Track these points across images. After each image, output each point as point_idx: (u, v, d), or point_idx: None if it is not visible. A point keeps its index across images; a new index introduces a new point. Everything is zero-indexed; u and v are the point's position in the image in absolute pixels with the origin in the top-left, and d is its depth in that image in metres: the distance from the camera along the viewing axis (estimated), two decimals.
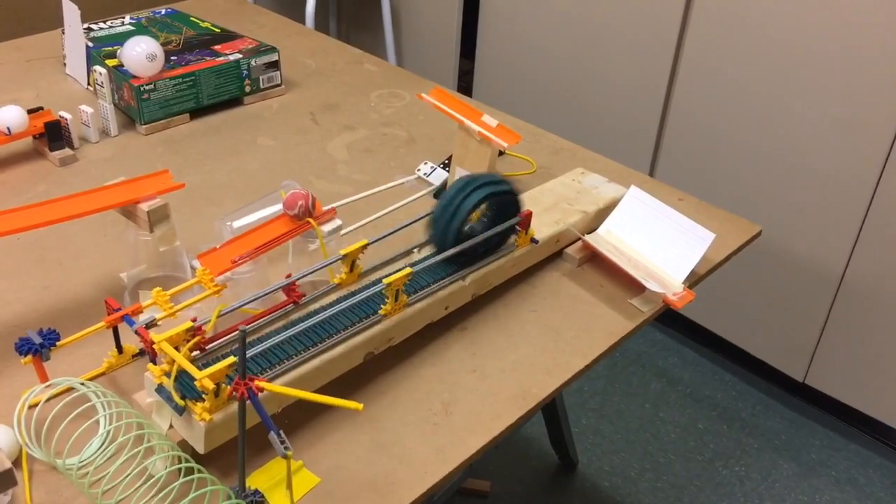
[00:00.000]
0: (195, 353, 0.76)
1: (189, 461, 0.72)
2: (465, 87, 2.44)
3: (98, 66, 1.29)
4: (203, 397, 0.70)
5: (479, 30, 2.26)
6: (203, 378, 0.68)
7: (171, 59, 1.37)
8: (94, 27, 1.50)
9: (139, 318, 0.80)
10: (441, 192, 1.19)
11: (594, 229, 1.08)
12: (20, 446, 0.75)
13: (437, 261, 0.91)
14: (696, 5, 1.76)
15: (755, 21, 1.68)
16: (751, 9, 1.67)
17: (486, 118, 1.10)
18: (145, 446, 0.72)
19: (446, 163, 1.23)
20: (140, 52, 1.28)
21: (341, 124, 1.38)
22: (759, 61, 1.70)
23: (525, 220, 0.97)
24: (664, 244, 1.03)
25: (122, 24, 1.53)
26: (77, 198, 0.91)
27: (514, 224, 0.95)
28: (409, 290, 0.87)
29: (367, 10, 2.63)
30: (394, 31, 2.52)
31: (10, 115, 1.18)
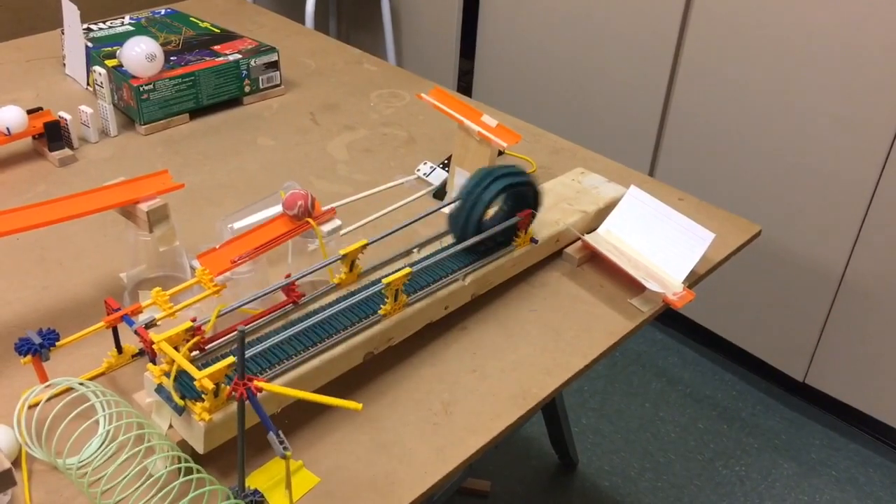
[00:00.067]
0: (194, 353, 0.76)
1: (188, 461, 0.72)
2: (464, 86, 2.44)
3: (97, 67, 1.29)
4: (202, 397, 0.70)
5: (479, 30, 2.26)
6: (202, 378, 0.68)
7: (170, 59, 1.37)
8: (93, 27, 1.50)
9: (139, 319, 0.80)
10: (440, 192, 1.19)
11: (594, 229, 1.08)
12: (20, 446, 0.75)
13: (456, 251, 0.93)
14: (696, 5, 1.76)
15: (755, 21, 1.68)
16: (750, 9, 1.67)
17: (486, 118, 1.10)
18: (145, 446, 0.72)
19: (446, 163, 1.23)
20: (139, 53, 1.28)
21: (341, 124, 1.38)
22: (758, 61, 1.70)
23: (525, 220, 0.97)
24: (664, 244, 1.03)
25: (122, 24, 1.53)
26: (76, 198, 0.91)
27: (532, 214, 0.98)
28: (409, 290, 0.87)
29: (367, 10, 2.63)
30: (394, 30, 2.52)
31: (10, 116, 1.18)
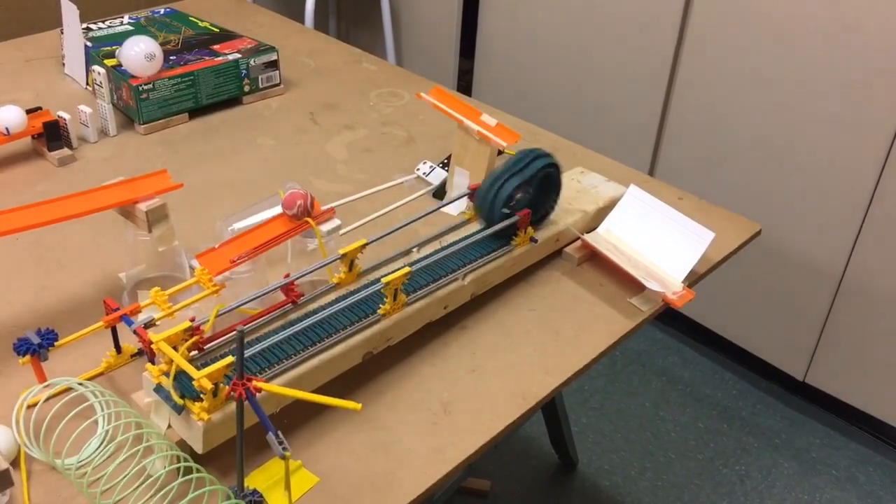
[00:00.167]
0: (193, 353, 0.76)
1: (188, 461, 0.72)
2: (464, 86, 2.44)
3: (97, 66, 1.29)
4: (201, 397, 0.70)
5: (479, 29, 2.26)
6: (201, 378, 0.68)
7: (169, 58, 1.37)
8: (92, 27, 1.50)
9: (137, 318, 0.80)
10: (440, 192, 1.19)
11: (594, 228, 1.08)
12: (19, 446, 0.75)
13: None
14: (696, 4, 1.76)
15: (755, 20, 1.67)
16: (751, 7, 1.67)
17: (485, 117, 1.10)
18: (144, 446, 0.72)
19: (445, 162, 1.23)
20: (139, 52, 1.28)
21: (341, 124, 1.38)
22: (759, 60, 1.70)
23: (524, 220, 0.97)
24: (664, 243, 1.03)
25: (121, 23, 1.53)
26: (76, 198, 0.91)
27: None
28: (408, 290, 0.87)
29: (367, 9, 2.63)
30: (393, 30, 2.52)
31: (9, 115, 1.18)
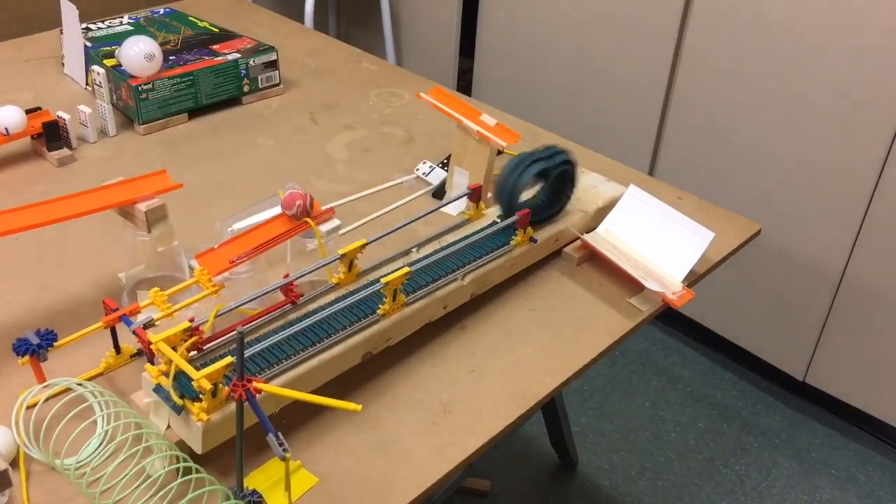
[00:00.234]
0: (193, 354, 0.76)
1: (187, 461, 0.72)
2: (464, 85, 2.44)
3: (96, 66, 1.29)
4: (200, 397, 0.70)
5: (479, 28, 2.26)
6: (200, 378, 0.68)
7: (169, 58, 1.37)
8: (92, 27, 1.50)
9: (137, 319, 0.80)
10: (439, 192, 1.19)
11: (593, 228, 1.08)
12: (18, 446, 0.75)
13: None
14: (696, 4, 1.76)
15: (755, 20, 1.67)
16: (750, 7, 1.67)
17: (485, 117, 1.10)
18: (143, 446, 0.72)
19: (445, 162, 1.23)
20: (138, 52, 1.28)
21: (340, 124, 1.37)
22: (758, 60, 1.70)
23: (523, 220, 0.97)
24: (663, 243, 1.03)
25: (121, 23, 1.53)
26: (75, 198, 0.90)
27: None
28: (408, 290, 0.87)
29: (367, 8, 2.63)
30: (393, 29, 2.52)
31: (9, 116, 1.18)
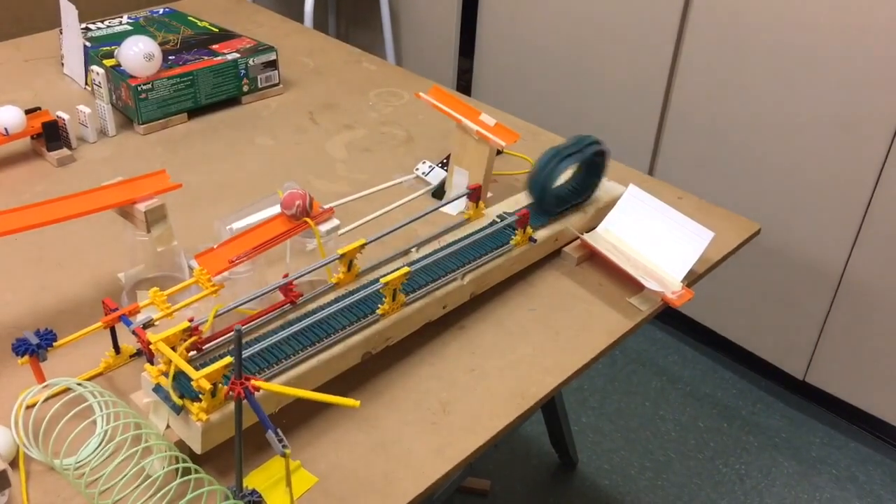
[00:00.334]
0: (192, 354, 0.76)
1: (186, 461, 0.72)
2: (464, 85, 2.44)
3: (96, 66, 1.29)
4: (200, 397, 0.70)
5: (479, 28, 2.26)
6: (199, 378, 0.68)
7: (168, 58, 1.36)
8: (91, 27, 1.50)
9: (136, 319, 0.80)
10: (439, 191, 1.19)
11: (593, 228, 1.08)
12: (17, 446, 0.75)
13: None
14: (696, 4, 1.76)
15: (754, 19, 1.67)
16: (750, 7, 1.67)
17: (484, 117, 1.10)
18: (143, 446, 0.72)
19: (444, 162, 1.23)
20: (137, 52, 1.28)
21: (340, 123, 1.37)
22: (757, 60, 1.70)
23: (523, 219, 0.97)
24: (663, 243, 1.03)
25: (120, 23, 1.53)
26: (74, 198, 0.90)
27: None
28: (407, 290, 0.87)
29: (366, 8, 2.63)
30: (393, 29, 2.52)
31: (8, 116, 1.18)
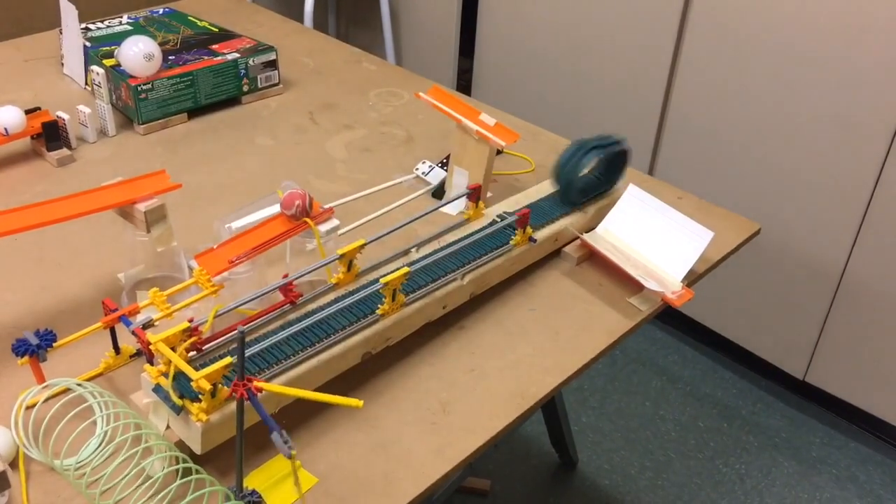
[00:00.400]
0: (192, 354, 0.76)
1: (187, 461, 0.72)
2: (464, 85, 2.44)
3: (95, 66, 1.29)
4: (200, 398, 0.70)
5: (479, 28, 2.26)
6: (199, 379, 0.68)
7: (168, 58, 1.36)
8: (91, 27, 1.50)
9: (136, 319, 0.80)
10: (439, 191, 1.19)
11: (592, 228, 1.08)
12: (17, 447, 0.75)
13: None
14: (696, 4, 1.76)
15: (754, 19, 1.67)
16: (749, 7, 1.67)
17: (484, 117, 1.10)
18: (143, 447, 0.72)
19: (444, 162, 1.23)
20: (137, 52, 1.28)
21: (340, 123, 1.37)
22: (758, 60, 1.70)
23: (522, 219, 0.97)
24: (663, 242, 1.03)
25: (120, 23, 1.53)
26: (74, 198, 0.90)
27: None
28: (407, 290, 0.87)
29: (366, 8, 2.63)
30: (393, 29, 2.52)
31: (8, 116, 1.18)
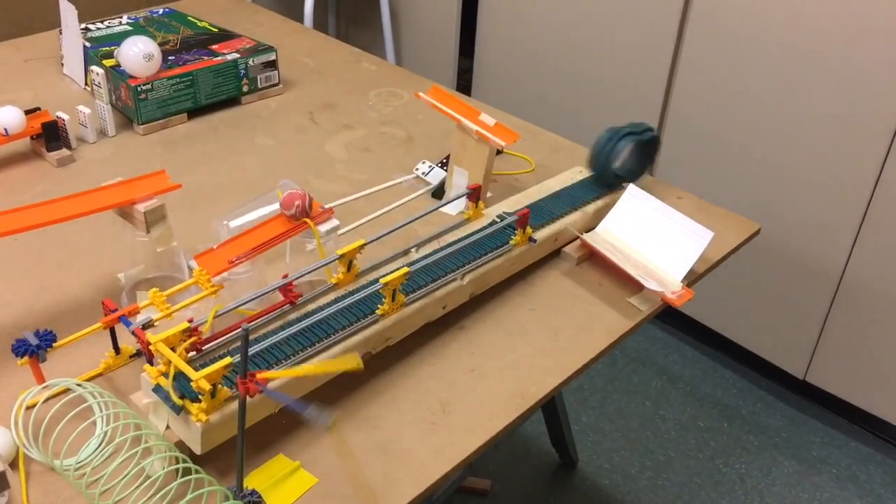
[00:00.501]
0: (192, 354, 0.76)
1: (186, 461, 0.72)
2: (464, 85, 2.44)
3: (95, 67, 1.29)
4: (199, 398, 0.70)
5: (478, 28, 2.26)
6: (199, 379, 0.68)
7: (168, 58, 1.36)
8: (91, 27, 1.50)
9: (136, 319, 0.80)
10: (439, 191, 1.19)
11: (592, 228, 1.08)
12: (17, 447, 0.75)
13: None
14: (696, 4, 1.75)
15: (754, 19, 1.67)
16: (749, 7, 1.67)
17: (484, 117, 1.10)
18: (143, 447, 0.72)
19: (444, 162, 1.23)
20: (137, 52, 1.28)
21: (340, 123, 1.37)
22: (758, 60, 1.70)
23: (522, 219, 0.97)
24: (663, 242, 1.03)
25: (120, 23, 1.53)
26: (74, 198, 0.90)
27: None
28: (407, 290, 0.87)
29: (366, 8, 2.63)
30: (393, 29, 2.52)
31: (8, 116, 1.18)
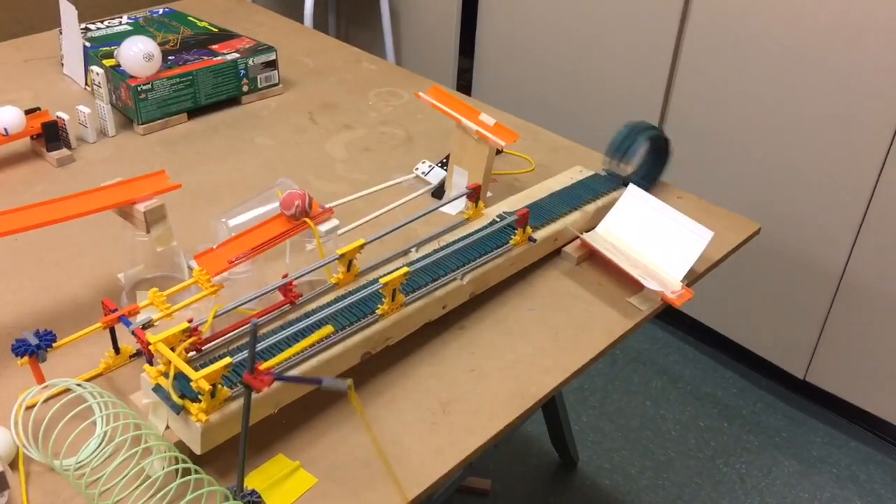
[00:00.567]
0: (191, 354, 0.76)
1: (186, 462, 0.72)
2: (464, 85, 2.44)
3: (95, 66, 1.29)
4: (199, 398, 0.70)
5: (478, 28, 2.26)
6: (199, 379, 0.68)
7: (168, 58, 1.36)
8: (91, 27, 1.50)
9: (136, 319, 0.80)
10: (438, 191, 1.19)
11: (592, 228, 1.08)
12: (17, 447, 0.75)
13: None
14: (696, 4, 1.75)
15: (754, 19, 1.67)
16: (749, 7, 1.67)
17: (484, 117, 1.10)
18: (143, 447, 0.72)
19: (444, 161, 1.23)
20: (137, 52, 1.28)
21: (339, 123, 1.37)
22: (758, 60, 1.70)
23: (522, 219, 0.97)
24: (663, 242, 1.03)
25: (120, 23, 1.53)
26: (74, 198, 0.90)
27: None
28: (407, 290, 0.87)
29: (366, 8, 2.63)
30: (393, 29, 2.52)
31: (8, 116, 1.18)
